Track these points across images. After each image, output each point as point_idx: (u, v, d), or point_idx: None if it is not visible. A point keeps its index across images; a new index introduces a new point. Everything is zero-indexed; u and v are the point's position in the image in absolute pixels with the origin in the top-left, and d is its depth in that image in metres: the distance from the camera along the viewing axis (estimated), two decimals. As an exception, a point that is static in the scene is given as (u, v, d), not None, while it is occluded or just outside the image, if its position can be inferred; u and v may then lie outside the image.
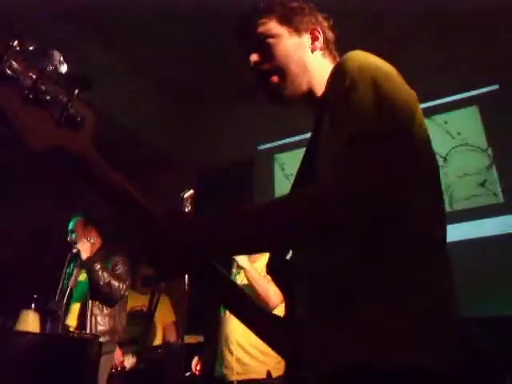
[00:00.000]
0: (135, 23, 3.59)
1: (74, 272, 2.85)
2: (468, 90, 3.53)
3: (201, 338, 3.04)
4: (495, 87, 3.43)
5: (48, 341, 2.21)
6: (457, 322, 0.73)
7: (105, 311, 2.83)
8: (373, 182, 0.67)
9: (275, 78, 0.96)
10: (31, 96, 0.61)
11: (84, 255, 2.83)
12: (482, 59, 3.36)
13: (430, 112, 3.49)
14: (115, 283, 2.80)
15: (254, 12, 1.00)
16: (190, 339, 2.85)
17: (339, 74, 0.82)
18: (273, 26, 0.98)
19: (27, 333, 2.13)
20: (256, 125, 4.23)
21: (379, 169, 0.67)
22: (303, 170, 0.97)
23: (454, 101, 3.58)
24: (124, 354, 3.14)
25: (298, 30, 0.99)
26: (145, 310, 3.30)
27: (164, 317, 3.46)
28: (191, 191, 1.99)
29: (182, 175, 4.35)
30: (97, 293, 2.80)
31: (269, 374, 2.09)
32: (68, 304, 2.77)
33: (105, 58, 3.91)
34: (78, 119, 0.67)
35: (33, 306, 2.32)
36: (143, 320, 3.21)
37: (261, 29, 0.98)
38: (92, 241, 2.89)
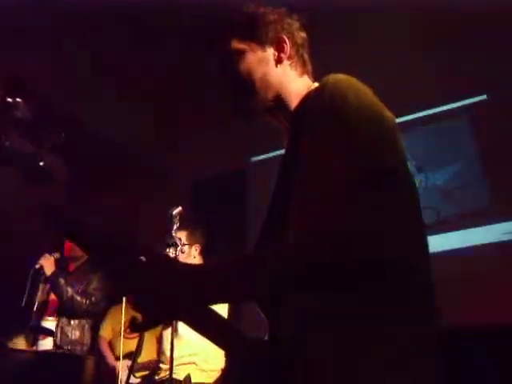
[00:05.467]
0: (124, 33, 3.54)
1: (40, 287, 2.88)
2: (456, 101, 3.56)
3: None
4: (483, 97, 3.46)
5: (40, 358, 2.22)
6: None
7: (72, 323, 2.88)
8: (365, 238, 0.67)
9: (240, 95, 0.98)
10: None
11: (48, 271, 2.84)
12: (470, 69, 3.39)
13: (418, 123, 3.52)
14: (78, 298, 2.85)
15: (216, 29, 1.01)
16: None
17: (323, 102, 0.81)
18: (234, 43, 0.98)
19: (19, 350, 2.15)
20: (251, 136, 4.24)
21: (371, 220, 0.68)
22: (279, 195, 0.93)
23: (443, 111, 3.61)
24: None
25: (261, 43, 0.98)
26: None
27: (158, 329, 3.44)
28: (179, 208, 2.02)
29: (176, 188, 4.37)
30: (61, 307, 2.86)
31: (188, 377, 2.03)
32: (40, 318, 2.81)
33: (93, 71, 3.91)
34: (48, 174, 0.59)
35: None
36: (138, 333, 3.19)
37: (223, 46, 0.99)
38: (55, 256, 2.91)
